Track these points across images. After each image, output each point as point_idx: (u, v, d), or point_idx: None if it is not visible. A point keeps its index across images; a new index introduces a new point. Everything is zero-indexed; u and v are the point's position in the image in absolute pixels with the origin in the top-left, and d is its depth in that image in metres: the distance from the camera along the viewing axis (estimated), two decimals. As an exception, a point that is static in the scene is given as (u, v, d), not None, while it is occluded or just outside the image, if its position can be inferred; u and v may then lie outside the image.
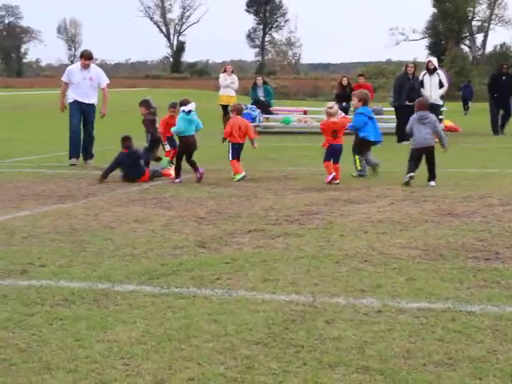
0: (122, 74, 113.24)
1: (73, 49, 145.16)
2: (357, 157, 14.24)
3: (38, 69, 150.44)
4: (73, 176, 14.39)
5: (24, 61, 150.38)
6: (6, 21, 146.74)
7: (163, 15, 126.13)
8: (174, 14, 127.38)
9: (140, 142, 15.15)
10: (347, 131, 14.14)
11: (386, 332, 5.42)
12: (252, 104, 28.43)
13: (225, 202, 11.26)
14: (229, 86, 27.36)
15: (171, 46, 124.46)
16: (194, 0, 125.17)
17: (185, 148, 13.73)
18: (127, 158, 13.63)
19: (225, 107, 26.25)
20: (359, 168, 14.20)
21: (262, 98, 28.73)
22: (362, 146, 14.30)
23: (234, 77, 27.70)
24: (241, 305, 6.09)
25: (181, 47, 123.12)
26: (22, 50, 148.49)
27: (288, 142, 22.93)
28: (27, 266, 7.41)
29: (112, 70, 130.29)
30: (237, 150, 14.03)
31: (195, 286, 6.66)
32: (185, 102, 13.76)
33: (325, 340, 5.27)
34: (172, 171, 13.92)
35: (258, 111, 27.98)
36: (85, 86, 16.74)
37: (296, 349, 5.12)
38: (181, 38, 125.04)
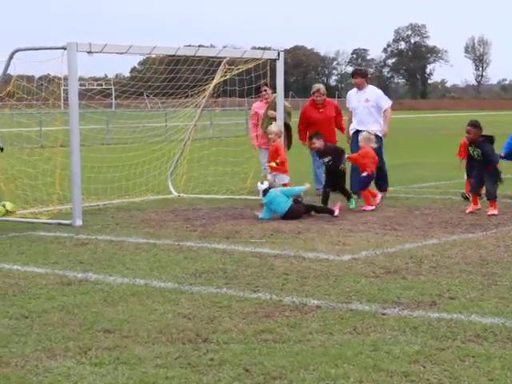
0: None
1: (480, 69, 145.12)
2: None
3: (443, 90, 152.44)
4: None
5: (429, 82, 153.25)
6: (412, 40, 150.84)
7: None
8: None
9: None
10: None
11: None
12: None
13: None
14: None
15: None
16: None
17: None
18: None
19: None
20: None
21: None
22: None
23: None
24: None
25: None
26: (428, 70, 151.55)
27: None
28: (436, 297, 7.56)
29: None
30: None
31: None
32: None
33: None
34: None
35: None
36: (360, 110, 15.23)
37: None
38: None
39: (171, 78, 17.24)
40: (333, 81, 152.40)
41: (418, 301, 7.44)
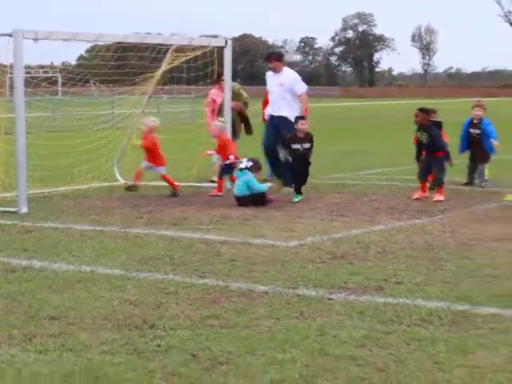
0: (477, 83, 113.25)
1: (427, 57, 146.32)
2: None
3: (390, 78, 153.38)
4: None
5: (376, 70, 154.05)
6: (360, 29, 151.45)
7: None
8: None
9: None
10: None
11: None
12: None
13: None
14: None
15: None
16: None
17: None
18: None
19: None
20: None
21: None
22: None
23: None
24: None
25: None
26: (375, 58, 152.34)
27: None
28: (383, 282, 7.61)
29: (467, 79, 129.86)
30: None
31: None
32: None
33: None
34: None
35: None
36: (275, 94, 14.67)
37: None
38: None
39: (118, 65, 17.07)
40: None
41: (364, 286, 7.49)
